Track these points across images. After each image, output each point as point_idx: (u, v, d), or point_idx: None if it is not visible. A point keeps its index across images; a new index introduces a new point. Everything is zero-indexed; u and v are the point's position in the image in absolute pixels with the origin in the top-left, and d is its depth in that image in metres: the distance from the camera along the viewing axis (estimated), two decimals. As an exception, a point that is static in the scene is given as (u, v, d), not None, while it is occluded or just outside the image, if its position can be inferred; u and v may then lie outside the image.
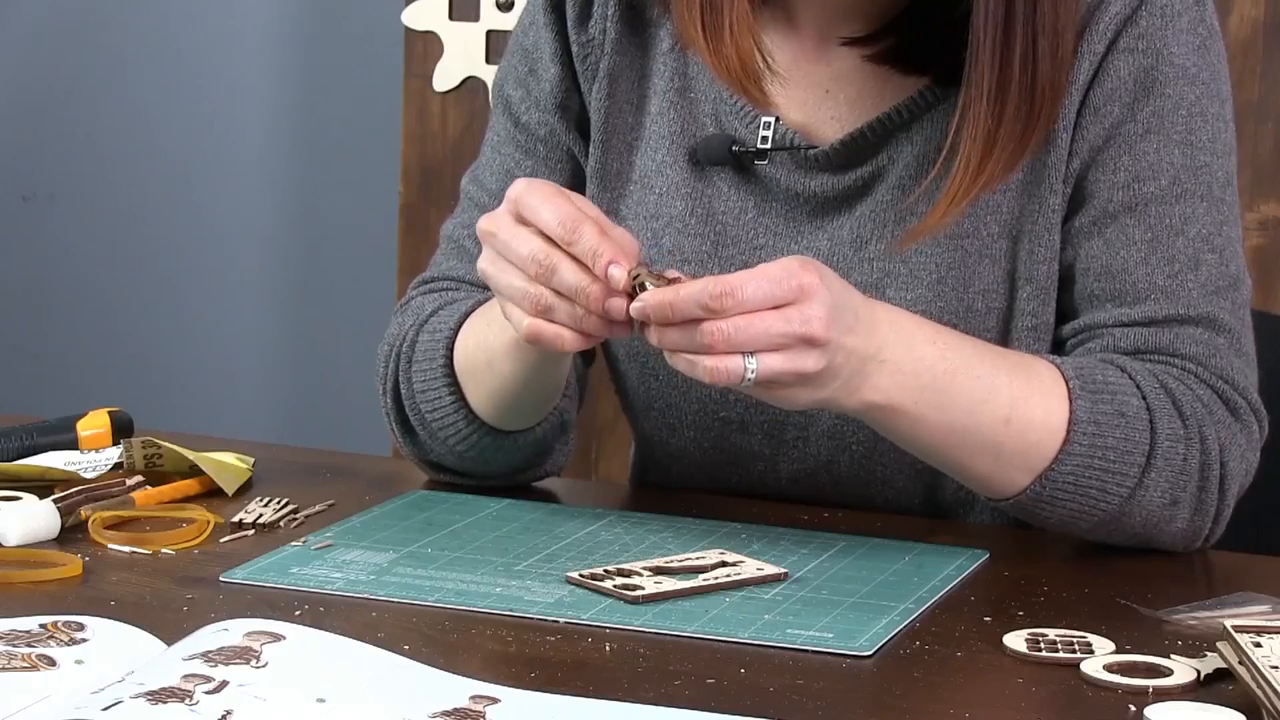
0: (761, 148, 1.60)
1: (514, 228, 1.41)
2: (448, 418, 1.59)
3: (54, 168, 3.63)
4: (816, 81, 1.61)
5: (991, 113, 1.50)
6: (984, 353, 1.47)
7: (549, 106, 1.67)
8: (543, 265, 1.38)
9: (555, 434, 1.62)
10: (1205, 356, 1.53)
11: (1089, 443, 1.47)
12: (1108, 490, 1.47)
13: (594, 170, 1.66)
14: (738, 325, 1.34)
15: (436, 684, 1.18)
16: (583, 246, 1.38)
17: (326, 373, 3.55)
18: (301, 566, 1.41)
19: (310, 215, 3.55)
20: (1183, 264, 1.54)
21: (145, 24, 3.55)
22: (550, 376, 1.56)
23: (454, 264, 1.69)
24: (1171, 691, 1.22)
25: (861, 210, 1.59)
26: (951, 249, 1.57)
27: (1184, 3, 1.56)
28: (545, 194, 1.41)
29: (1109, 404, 1.47)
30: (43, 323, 3.68)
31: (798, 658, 1.27)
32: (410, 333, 1.62)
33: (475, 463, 1.61)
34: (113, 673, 1.16)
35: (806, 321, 1.35)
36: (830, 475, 1.62)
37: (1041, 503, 1.48)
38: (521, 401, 1.57)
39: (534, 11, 1.68)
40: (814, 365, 1.36)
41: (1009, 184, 1.56)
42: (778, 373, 1.35)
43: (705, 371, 1.35)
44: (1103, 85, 1.55)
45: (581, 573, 1.39)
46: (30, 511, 1.47)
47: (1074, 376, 1.48)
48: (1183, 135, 1.55)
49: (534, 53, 1.68)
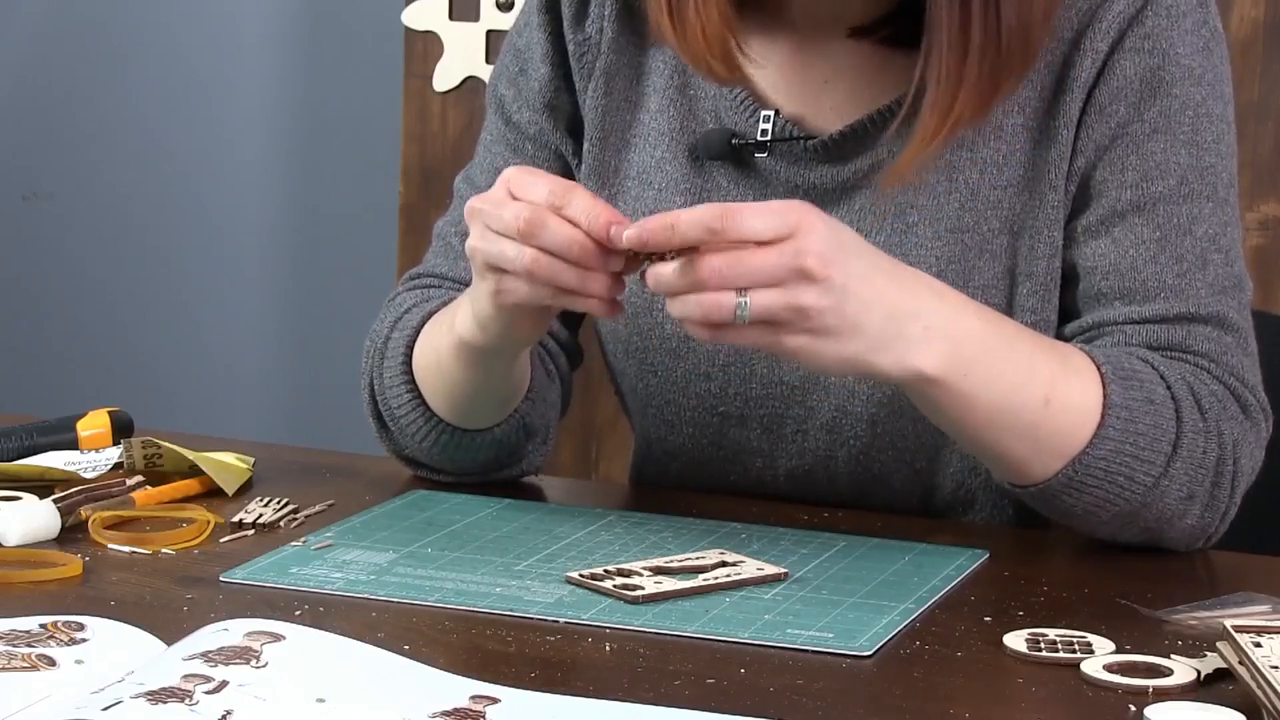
0: (761, 140, 1.60)
1: (504, 200, 1.40)
2: (409, 414, 1.60)
3: (54, 167, 3.63)
4: (815, 74, 1.61)
5: (954, 53, 1.49)
6: (1023, 332, 1.47)
7: (538, 106, 1.67)
8: (529, 222, 1.37)
9: (519, 436, 1.62)
10: (1217, 354, 1.53)
11: (1122, 427, 1.46)
12: (1135, 478, 1.46)
13: (590, 168, 1.66)
14: (730, 260, 1.33)
15: (436, 684, 1.18)
16: (575, 208, 1.37)
17: (326, 373, 3.54)
18: (301, 566, 1.41)
19: (310, 215, 3.55)
20: (1191, 263, 1.54)
21: (145, 24, 3.55)
22: (498, 379, 1.56)
23: (440, 261, 1.70)
24: (1171, 691, 1.22)
25: (861, 202, 1.59)
26: (951, 244, 1.57)
27: (1189, 3, 1.56)
28: (537, 172, 1.41)
29: (1139, 390, 1.47)
30: (43, 323, 3.68)
31: (798, 658, 1.27)
32: (386, 330, 1.63)
33: (442, 459, 1.62)
34: (113, 673, 1.16)
35: (800, 254, 1.33)
36: (828, 471, 1.62)
37: (1071, 488, 1.47)
38: (474, 402, 1.57)
39: (529, 12, 1.69)
40: (813, 300, 1.34)
41: (1010, 181, 1.56)
42: (772, 308, 1.34)
43: (698, 306, 1.34)
44: (1108, 84, 1.55)
45: (581, 573, 1.39)
46: (30, 511, 1.47)
47: (1105, 362, 1.47)
48: (1189, 136, 1.55)
49: (526, 53, 1.68)
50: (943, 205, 1.57)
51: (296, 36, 3.50)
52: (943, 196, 1.57)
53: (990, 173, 1.57)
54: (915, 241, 1.57)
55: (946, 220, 1.57)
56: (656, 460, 1.69)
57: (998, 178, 1.57)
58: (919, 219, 1.57)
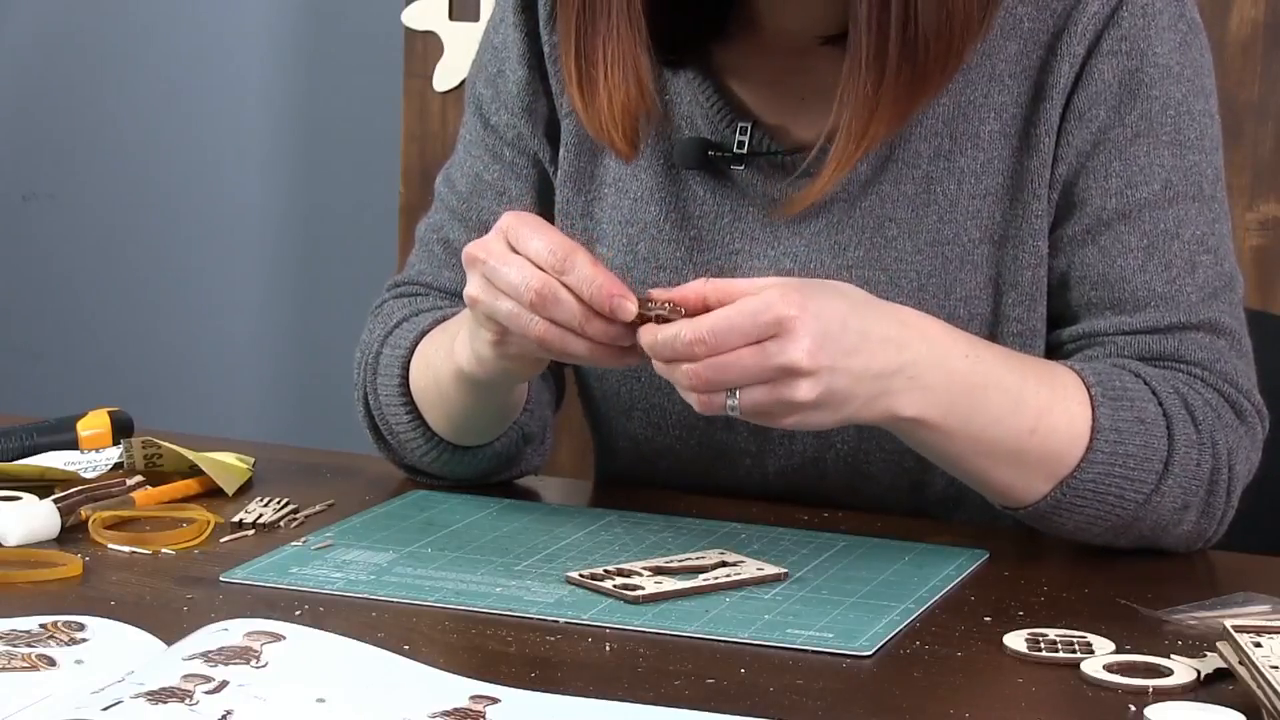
0: (739, 152, 1.59)
1: (505, 254, 1.40)
2: (408, 433, 1.60)
3: (54, 168, 3.63)
4: (793, 89, 1.60)
5: (870, 79, 1.49)
6: (1012, 363, 1.47)
7: (516, 109, 1.67)
8: (540, 295, 1.37)
9: (517, 445, 1.62)
10: (1210, 361, 1.53)
11: (1110, 450, 1.46)
12: (1125, 496, 1.47)
13: (567, 174, 1.65)
14: (713, 366, 1.33)
15: (436, 684, 1.18)
16: (578, 277, 1.37)
17: (326, 373, 3.54)
18: (301, 566, 1.41)
19: (310, 215, 3.54)
20: (1180, 268, 1.54)
21: (145, 24, 3.55)
22: (499, 402, 1.57)
23: (424, 268, 1.70)
24: (1171, 691, 1.22)
25: (838, 215, 1.58)
26: (932, 256, 1.56)
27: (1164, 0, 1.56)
28: (536, 224, 1.40)
29: (1129, 411, 1.47)
30: (43, 323, 3.68)
31: (798, 658, 1.27)
32: (376, 344, 1.64)
33: (442, 470, 1.63)
34: (113, 673, 1.16)
35: (784, 353, 1.33)
36: (817, 470, 1.62)
37: (1060, 510, 1.47)
38: (473, 423, 1.58)
39: (504, 9, 1.67)
40: (806, 394, 1.35)
41: (990, 190, 1.56)
42: (762, 405, 1.35)
43: (693, 402, 1.36)
44: (1086, 89, 1.55)
45: (581, 573, 1.39)
46: (30, 511, 1.47)
47: (1095, 383, 1.47)
48: (1171, 135, 1.55)
49: (502, 51, 1.67)
50: (921, 218, 1.57)
51: (296, 36, 3.50)
52: (921, 209, 1.57)
53: (969, 182, 1.56)
54: (895, 256, 1.56)
55: (926, 233, 1.56)
56: (644, 460, 1.68)
57: (976, 187, 1.56)
58: (898, 232, 1.57)
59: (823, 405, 1.36)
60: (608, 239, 1.63)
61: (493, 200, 1.68)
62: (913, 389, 1.40)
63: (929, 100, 1.52)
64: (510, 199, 1.67)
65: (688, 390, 1.35)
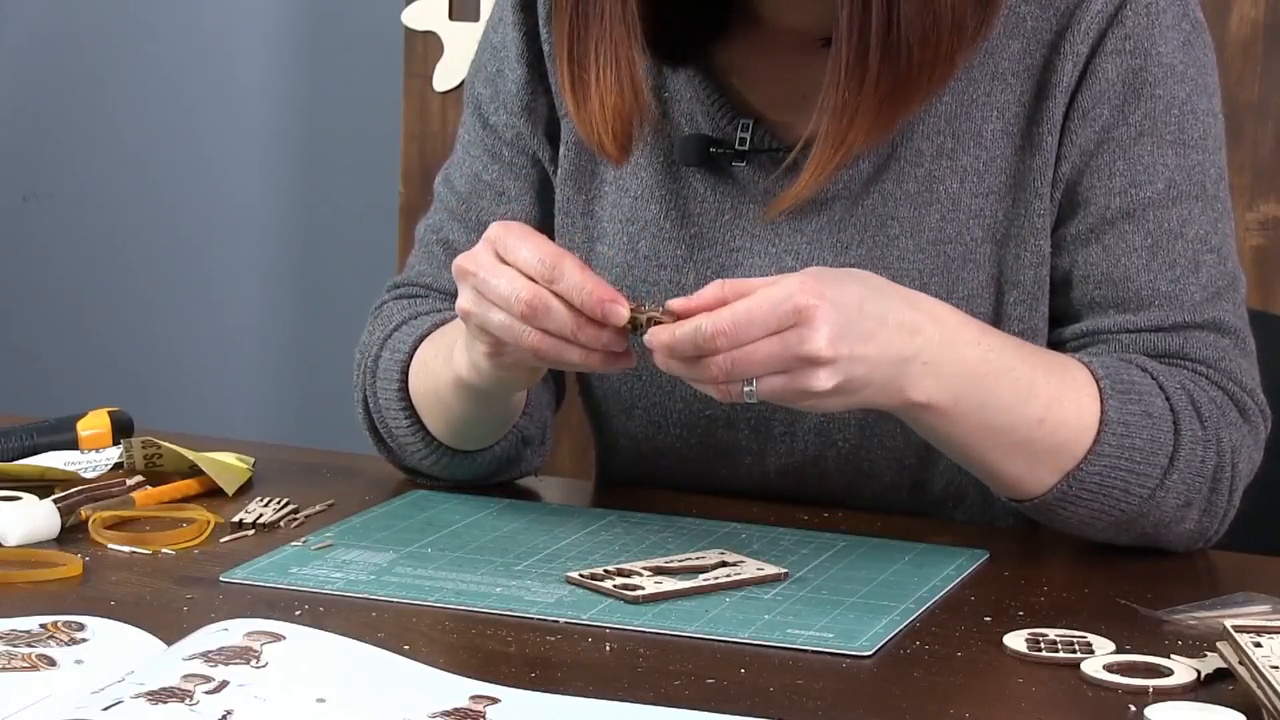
0: (740, 149, 1.59)
1: (494, 265, 1.40)
2: (407, 437, 1.60)
3: (54, 168, 3.63)
4: (795, 86, 1.60)
5: (850, 86, 1.48)
6: (1024, 353, 1.47)
7: (515, 109, 1.66)
8: (530, 306, 1.38)
9: (517, 448, 1.62)
10: (1215, 359, 1.53)
11: (1117, 443, 1.46)
12: (1130, 490, 1.47)
13: (567, 173, 1.65)
14: (735, 358, 1.34)
15: (436, 684, 1.18)
16: (568, 284, 1.37)
17: (326, 373, 3.54)
18: (301, 566, 1.41)
19: (310, 215, 3.54)
20: (1184, 267, 1.54)
21: (145, 24, 3.55)
22: (498, 409, 1.57)
23: (424, 269, 1.70)
24: (1171, 691, 1.22)
25: (840, 213, 1.58)
26: (934, 255, 1.56)
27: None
28: (523, 233, 1.40)
29: (1137, 404, 1.47)
30: (43, 323, 3.68)
31: (798, 658, 1.27)
32: (376, 347, 1.64)
33: (442, 473, 1.63)
34: (113, 673, 1.16)
35: (805, 343, 1.34)
36: (817, 469, 1.62)
37: (1065, 502, 1.47)
38: (473, 429, 1.58)
39: (503, 8, 1.67)
40: (824, 383, 1.35)
41: (992, 189, 1.56)
42: (779, 392, 1.36)
43: (711, 392, 1.36)
44: (1090, 88, 1.55)
45: (581, 573, 1.39)
46: (30, 511, 1.47)
47: (1104, 376, 1.48)
48: (1175, 135, 1.55)
49: (501, 51, 1.67)
50: (924, 216, 1.57)
51: (296, 36, 3.50)
52: (923, 207, 1.57)
53: (971, 181, 1.56)
54: (897, 254, 1.56)
55: (928, 231, 1.56)
56: (644, 459, 1.68)
57: (979, 185, 1.56)
58: (900, 231, 1.57)
59: (840, 392, 1.37)
60: (608, 237, 1.63)
61: (492, 200, 1.68)
62: (926, 374, 1.40)
63: (917, 107, 1.52)
64: (509, 199, 1.67)
65: (708, 383, 1.36)
